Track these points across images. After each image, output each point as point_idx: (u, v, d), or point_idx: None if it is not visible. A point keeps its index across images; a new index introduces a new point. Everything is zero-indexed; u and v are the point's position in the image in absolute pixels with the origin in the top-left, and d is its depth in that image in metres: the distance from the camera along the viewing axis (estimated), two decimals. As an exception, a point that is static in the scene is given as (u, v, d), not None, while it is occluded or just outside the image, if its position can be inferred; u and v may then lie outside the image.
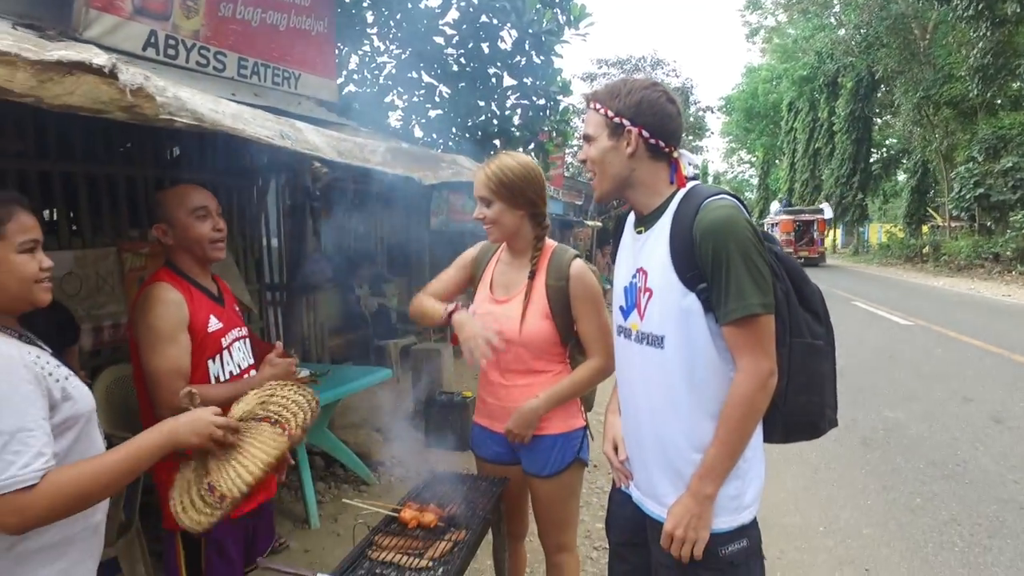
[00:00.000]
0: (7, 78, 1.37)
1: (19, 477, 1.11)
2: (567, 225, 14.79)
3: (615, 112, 1.48)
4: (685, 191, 1.50)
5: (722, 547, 1.45)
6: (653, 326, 1.48)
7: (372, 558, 1.61)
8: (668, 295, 1.44)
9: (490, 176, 1.96)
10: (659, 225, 1.49)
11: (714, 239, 1.37)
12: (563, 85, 6.08)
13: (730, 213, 1.40)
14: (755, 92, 46.46)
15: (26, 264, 1.27)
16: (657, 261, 1.46)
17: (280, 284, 5.26)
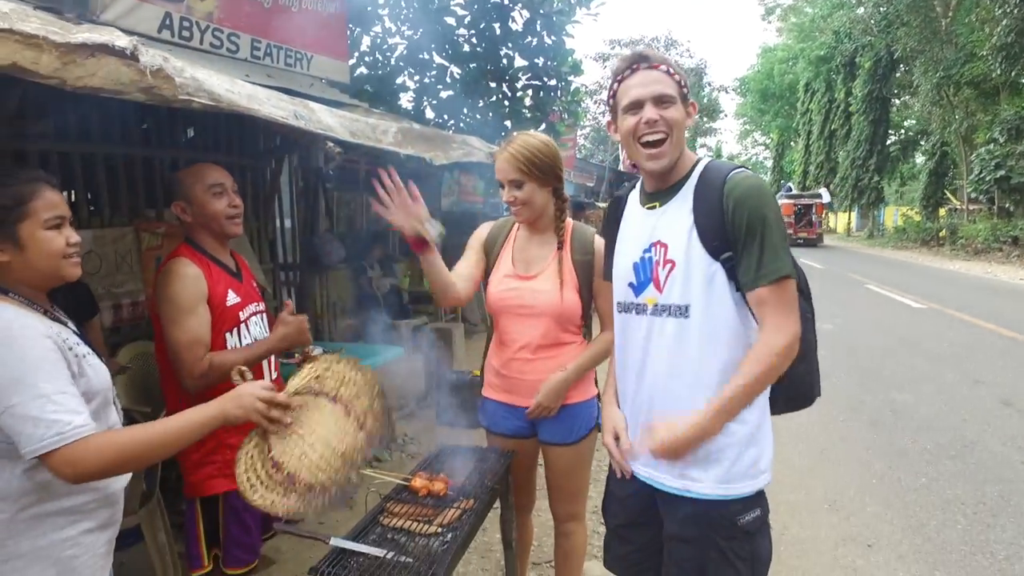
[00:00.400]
0: (33, 60, 1.42)
1: (67, 433, 1.17)
2: (579, 206, 14.75)
3: (685, 82, 1.51)
4: (704, 165, 1.54)
5: (740, 516, 1.48)
6: (675, 297, 1.50)
7: (384, 524, 1.68)
8: (693, 264, 1.47)
9: (519, 157, 1.97)
10: (679, 198, 1.52)
11: (749, 206, 1.41)
12: (574, 66, 6.06)
13: (761, 182, 1.46)
14: (771, 73, 45.76)
15: (53, 240, 1.31)
16: (679, 232, 1.49)
17: (293, 264, 5.34)
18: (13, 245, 1.28)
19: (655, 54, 1.52)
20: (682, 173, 1.55)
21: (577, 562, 2.33)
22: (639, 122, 1.48)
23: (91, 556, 1.34)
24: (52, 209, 1.32)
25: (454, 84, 6.04)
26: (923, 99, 25.63)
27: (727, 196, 1.44)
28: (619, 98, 1.55)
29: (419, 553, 1.54)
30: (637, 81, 1.49)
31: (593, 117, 26.37)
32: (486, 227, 2.27)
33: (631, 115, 1.50)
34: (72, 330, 1.39)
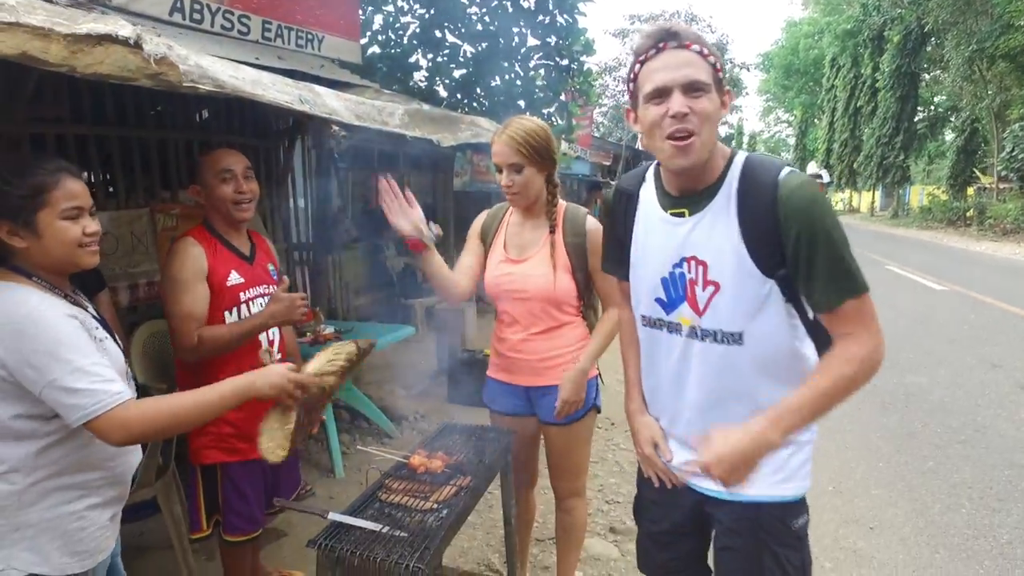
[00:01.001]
0: (43, 49, 1.47)
1: (107, 401, 1.26)
2: (595, 186, 14.66)
3: (720, 64, 1.27)
4: (742, 163, 1.31)
5: (793, 520, 1.40)
6: (723, 322, 1.32)
7: (382, 499, 1.74)
8: (745, 288, 1.28)
9: (519, 140, 1.99)
10: (716, 206, 1.30)
11: (808, 219, 1.22)
12: (586, 45, 5.99)
13: (816, 188, 1.26)
14: (795, 48, 44.66)
15: (68, 229, 1.36)
16: (723, 250, 1.29)
17: (307, 244, 5.41)
18: (32, 232, 1.34)
19: (686, 30, 1.27)
20: (715, 173, 1.32)
21: (578, 537, 2.39)
22: (664, 114, 1.24)
23: (96, 528, 1.42)
24: (71, 199, 1.36)
25: (467, 63, 6.01)
26: (954, 74, 24.88)
27: (781, 205, 1.23)
28: (641, 83, 1.29)
29: (414, 528, 1.60)
30: (663, 63, 1.24)
31: (612, 95, 26.02)
32: (481, 217, 2.30)
33: (654, 104, 1.26)
34: (92, 315, 1.45)
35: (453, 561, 2.81)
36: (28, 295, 1.29)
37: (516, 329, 2.16)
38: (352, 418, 4.43)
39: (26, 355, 1.24)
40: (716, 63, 1.27)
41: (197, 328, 1.99)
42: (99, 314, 1.52)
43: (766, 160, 1.32)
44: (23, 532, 1.32)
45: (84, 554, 1.40)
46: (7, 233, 1.33)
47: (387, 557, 1.46)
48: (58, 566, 1.36)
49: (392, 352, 5.60)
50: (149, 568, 2.74)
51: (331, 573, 1.52)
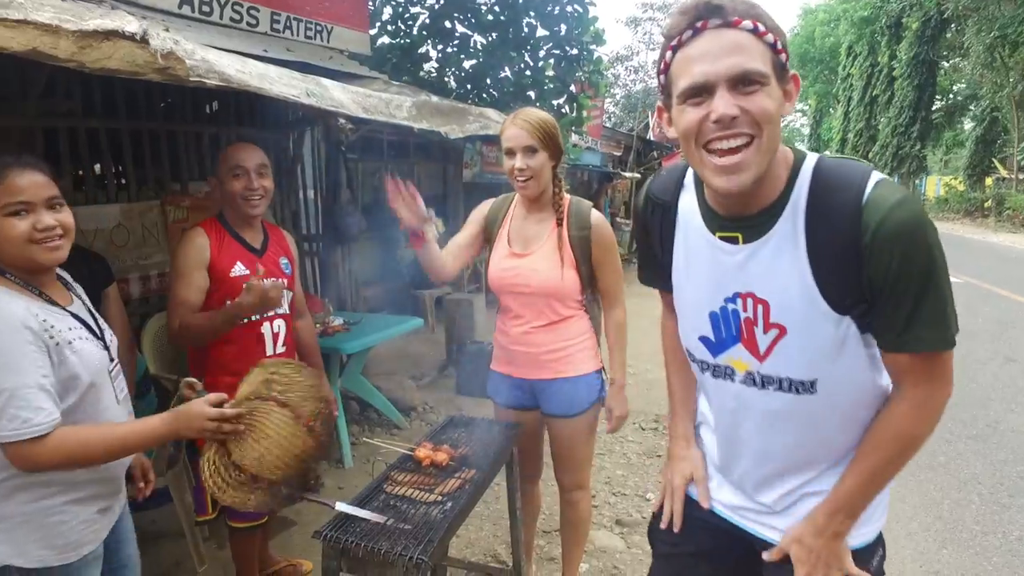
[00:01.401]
0: (52, 45, 1.49)
1: (23, 431, 1.24)
2: (606, 177, 14.58)
3: (782, 43, 0.98)
4: (812, 170, 1.03)
5: (871, 560, 1.20)
6: (792, 370, 1.09)
7: (388, 491, 1.76)
8: (818, 332, 1.05)
9: (533, 124, 2.00)
10: (778, 232, 1.04)
11: (909, 252, 0.96)
12: (597, 35, 5.94)
13: (919, 209, 0.98)
14: (811, 35, 44.01)
15: (13, 227, 1.31)
16: (789, 288, 1.04)
17: (316, 235, 5.43)
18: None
19: (733, 2, 0.96)
20: (777, 189, 1.04)
21: (583, 531, 2.41)
22: (705, 118, 0.96)
23: (79, 521, 1.41)
24: (12, 194, 1.31)
25: (476, 54, 5.99)
26: (974, 61, 24.42)
27: (869, 232, 0.96)
28: (674, 76, 1.01)
29: (418, 520, 1.61)
30: (702, 49, 0.95)
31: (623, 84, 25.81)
32: (487, 204, 2.30)
33: (692, 105, 0.98)
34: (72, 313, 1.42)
35: (460, 552, 2.84)
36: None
37: (520, 322, 2.16)
38: (361, 409, 4.47)
39: None
40: (778, 42, 0.97)
41: (184, 313, 2.06)
42: (92, 310, 1.52)
43: (845, 168, 1.02)
44: (1, 525, 1.33)
45: (65, 547, 1.39)
46: None
47: (391, 549, 1.47)
48: (35, 559, 1.35)
49: (401, 343, 5.64)
50: (161, 555, 2.79)
51: (336, 564, 1.55)
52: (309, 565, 2.71)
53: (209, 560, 2.74)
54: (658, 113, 1.13)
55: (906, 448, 1.09)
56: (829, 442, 1.16)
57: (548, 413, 2.22)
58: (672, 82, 1.02)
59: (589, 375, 2.19)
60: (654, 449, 4.01)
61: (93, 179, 3.46)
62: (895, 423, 1.08)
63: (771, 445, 1.19)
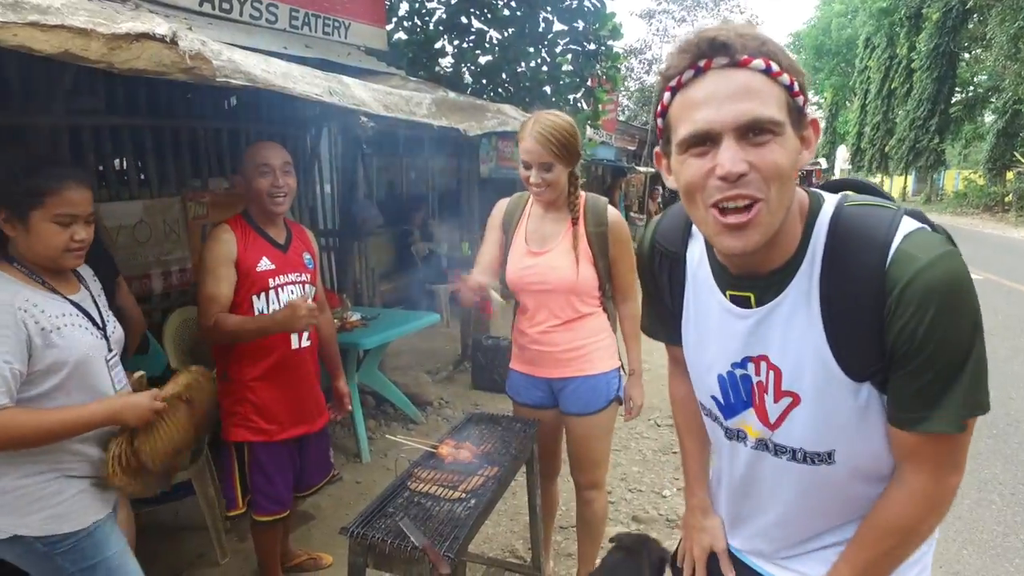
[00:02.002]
0: (83, 47, 1.52)
1: None
2: (620, 172, 14.52)
3: (800, 85, 0.86)
4: (830, 220, 0.91)
5: None
6: (806, 441, 0.99)
7: (412, 488, 1.78)
8: (834, 402, 0.94)
9: (550, 139, 1.98)
10: (792, 292, 0.93)
11: (936, 316, 0.82)
12: (614, 30, 5.91)
13: (954, 264, 0.84)
14: (827, 27, 43.45)
15: (57, 235, 1.48)
16: (802, 353, 0.94)
17: (333, 230, 5.46)
18: (24, 226, 1.46)
19: (741, 37, 0.83)
20: (791, 245, 0.93)
21: (598, 528, 2.42)
22: (709, 173, 0.85)
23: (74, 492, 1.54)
24: (66, 206, 1.47)
25: (492, 49, 5.98)
26: (997, 52, 23.95)
27: (895, 292, 0.84)
28: (674, 121, 0.89)
29: (443, 517, 1.63)
30: (707, 93, 0.84)
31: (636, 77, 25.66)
32: (502, 205, 2.31)
33: (695, 156, 0.86)
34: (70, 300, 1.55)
35: (478, 547, 2.86)
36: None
37: (538, 321, 2.17)
38: (378, 404, 4.50)
39: None
40: (794, 83, 0.84)
41: (218, 311, 2.09)
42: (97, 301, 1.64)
43: (868, 218, 0.89)
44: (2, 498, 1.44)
45: (67, 516, 1.51)
46: (2, 219, 1.45)
47: (417, 545, 1.49)
48: (39, 528, 1.47)
49: (417, 338, 5.66)
50: (183, 547, 2.84)
51: (363, 560, 1.57)
52: (329, 559, 2.75)
53: (231, 552, 2.79)
54: (656, 159, 1.00)
55: (903, 542, 0.96)
56: (855, 502, 1.04)
57: (566, 411, 2.23)
58: (671, 128, 0.90)
59: (608, 373, 2.20)
60: (670, 446, 4.01)
61: (115, 176, 3.50)
62: (891, 513, 0.95)
63: (787, 510, 1.09)
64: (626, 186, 15.31)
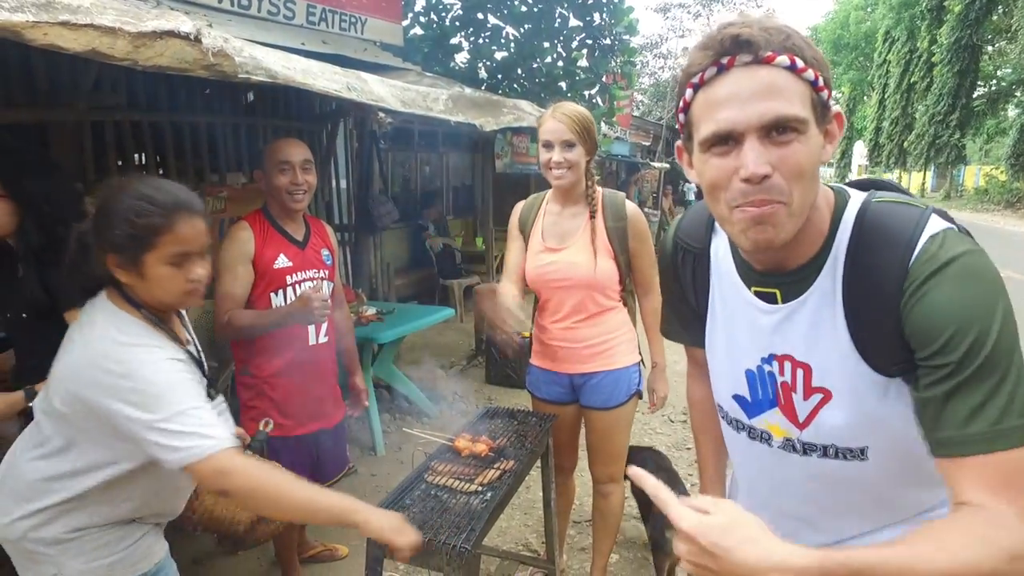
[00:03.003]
0: (110, 45, 1.55)
1: (205, 445, 1.19)
2: (634, 167, 14.47)
3: (824, 80, 0.84)
4: (855, 217, 0.89)
5: None
6: (837, 438, 0.96)
7: (428, 481, 1.80)
8: (864, 397, 0.91)
9: (573, 119, 2.03)
10: (818, 290, 0.91)
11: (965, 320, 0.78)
12: (630, 25, 5.89)
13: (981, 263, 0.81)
14: (845, 21, 42.86)
15: (172, 277, 1.29)
16: (830, 350, 0.92)
17: (349, 225, 5.51)
18: (136, 271, 1.27)
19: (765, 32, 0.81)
20: (816, 241, 0.91)
21: (615, 522, 2.43)
22: (733, 173, 0.83)
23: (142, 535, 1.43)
24: (179, 244, 1.28)
25: (508, 45, 5.98)
26: (1022, 44, 23.52)
27: (912, 291, 0.82)
28: (696, 119, 0.88)
29: (459, 509, 1.65)
30: (729, 92, 0.82)
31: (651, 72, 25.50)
32: (517, 209, 2.32)
33: (717, 156, 0.85)
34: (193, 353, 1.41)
35: (492, 540, 2.88)
36: (137, 334, 1.27)
37: (560, 317, 2.18)
38: (392, 398, 4.54)
39: (125, 393, 1.20)
40: (819, 78, 0.82)
41: (231, 308, 2.12)
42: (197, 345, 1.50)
43: (894, 216, 0.86)
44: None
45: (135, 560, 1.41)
46: (114, 264, 1.28)
47: (434, 537, 1.51)
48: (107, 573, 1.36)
49: (431, 332, 5.70)
50: (202, 536, 2.87)
51: (381, 551, 1.59)
52: (345, 550, 2.78)
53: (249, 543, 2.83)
54: (678, 153, 0.99)
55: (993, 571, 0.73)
56: (890, 503, 0.99)
57: (587, 405, 2.24)
58: (694, 125, 0.88)
59: (629, 368, 2.21)
60: (683, 442, 4.00)
61: (136, 171, 3.55)
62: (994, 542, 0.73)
63: (817, 510, 1.05)
64: (640, 182, 15.25)
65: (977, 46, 27.62)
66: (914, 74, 32.42)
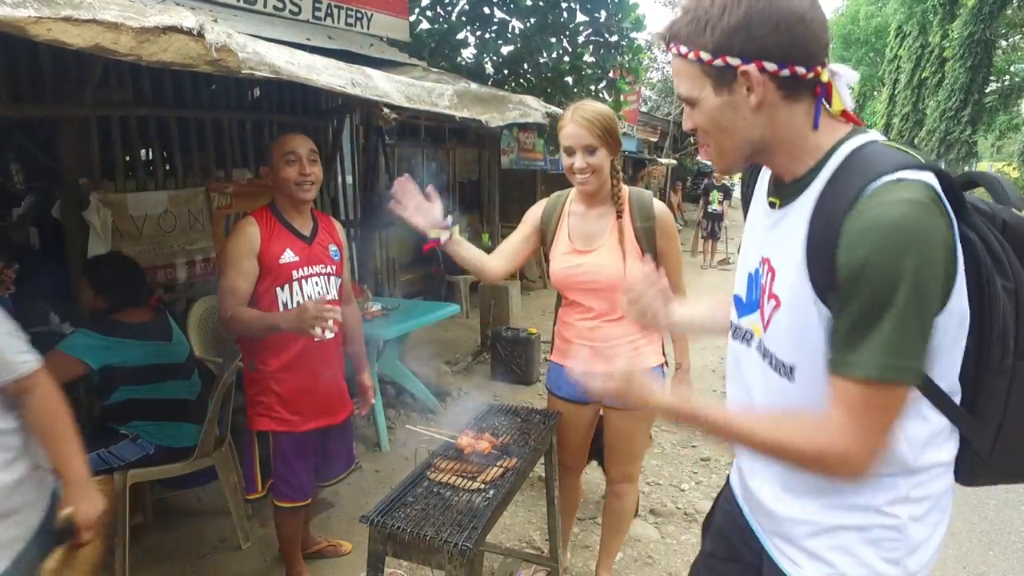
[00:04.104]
0: (114, 41, 1.54)
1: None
2: (640, 163, 14.41)
3: (712, 51, 0.98)
4: (849, 153, 0.98)
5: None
6: (778, 347, 1.06)
7: (431, 478, 1.80)
8: (800, 311, 0.99)
9: (595, 122, 1.96)
10: (799, 204, 1.02)
11: (870, 256, 0.87)
12: (637, 21, 5.84)
13: (912, 216, 0.87)
14: (855, 16, 42.48)
15: None
16: (788, 258, 1.01)
17: (354, 220, 5.51)
18: None
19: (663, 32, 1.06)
20: (808, 163, 1.02)
21: (625, 522, 2.42)
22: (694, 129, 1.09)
23: None
24: None
25: (515, 39, 5.95)
26: (1035, 38, 23.16)
27: (848, 222, 0.90)
28: None
29: (462, 507, 1.65)
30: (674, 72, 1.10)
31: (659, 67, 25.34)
32: (540, 204, 2.28)
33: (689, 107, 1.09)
34: None
35: (495, 537, 2.88)
36: None
37: (588, 317, 2.14)
38: (397, 394, 4.54)
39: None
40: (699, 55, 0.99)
41: (235, 303, 2.12)
42: None
43: (875, 158, 0.94)
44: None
45: None
46: None
47: (436, 535, 1.51)
48: None
49: (436, 329, 5.70)
50: (206, 532, 2.90)
51: (382, 548, 1.59)
52: (348, 546, 2.79)
53: (253, 538, 2.85)
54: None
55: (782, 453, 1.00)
56: None
57: (608, 404, 2.21)
58: None
59: (652, 369, 2.16)
60: (689, 439, 3.99)
61: (142, 166, 3.56)
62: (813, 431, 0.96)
63: None
64: (647, 177, 15.18)
65: (991, 41, 27.27)
66: (925, 69, 32.05)
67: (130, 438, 2.46)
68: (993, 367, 0.97)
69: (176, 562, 2.68)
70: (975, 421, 1.01)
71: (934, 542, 1.07)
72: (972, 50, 27.18)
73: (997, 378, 0.98)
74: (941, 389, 0.99)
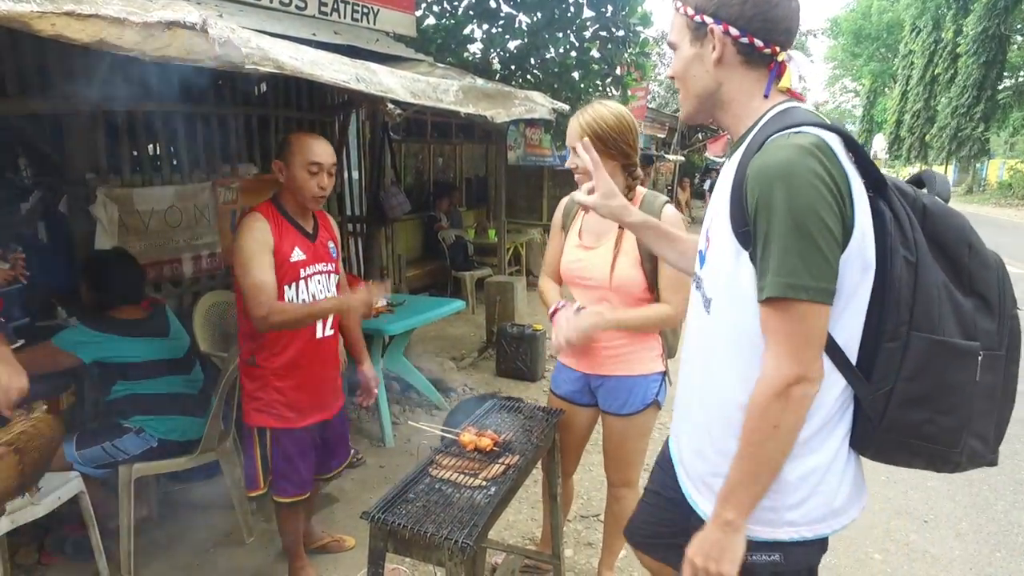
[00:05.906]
0: (118, 36, 1.54)
1: None
2: (647, 160, 14.31)
3: (695, 8, 1.17)
4: (774, 113, 1.15)
5: (748, 552, 1.18)
6: (705, 280, 1.24)
7: (433, 475, 1.79)
8: (722, 252, 1.16)
9: (584, 126, 1.98)
10: (734, 158, 1.18)
11: (760, 190, 1.04)
12: (643, 17, 5.81)
13: (794, 156, 1.02)
14: (867, 11, 42.07)
15: None
16: (721, 203, 1.18)
17: (360, 216, 5.51)
18: None
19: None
20: (747, 122, 1.20)
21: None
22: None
23: None
24: None
25: (521, 34, 5.92)
26: (1050, 33, 22.84)
27: (749, 169, 1.08)
28: None
29: (463, 504, 1.64)
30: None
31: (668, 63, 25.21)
32: (561, 206, 2.29)
33: None
34: None
35: (498, 534, 2.89)
36: None
37: None
38: (402, 390, 4.55)
39: None
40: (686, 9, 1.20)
41: (268, 298, 2.06)
42: None
43: (787, 116, 1.12)
44: None
45: None
46: None
47: (437, 532, 1.51)
48: None
49: (442, 324, 5.70)
50: (210, 526, 2.91)
51: (383, 545, 1.59)
52: (352, 541, 2.79)
53: (256, 532, 2.86)
54: None
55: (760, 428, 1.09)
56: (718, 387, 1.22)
57: (604, 409, 2.21)
58: None
59: (648, 376, 2.14)
60: (694, 438, 3.97)
61: (149, 161, 3.57)
62: (751, 398, 1.11)
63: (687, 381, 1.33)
64: (655, 174, 15.11)
65: (1005, 36, 26.93)
66: (938, 65, 31.71)
67: (134, 431, 2.47)
68: (889, 331, 1.07)
69: (181, 556, 2.70)
70: (869, 385, 1.11)
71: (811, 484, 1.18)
72: (986, 45, 26.86)
73: (892, 343, 1.08)
74: (836, 343, 1.09)
